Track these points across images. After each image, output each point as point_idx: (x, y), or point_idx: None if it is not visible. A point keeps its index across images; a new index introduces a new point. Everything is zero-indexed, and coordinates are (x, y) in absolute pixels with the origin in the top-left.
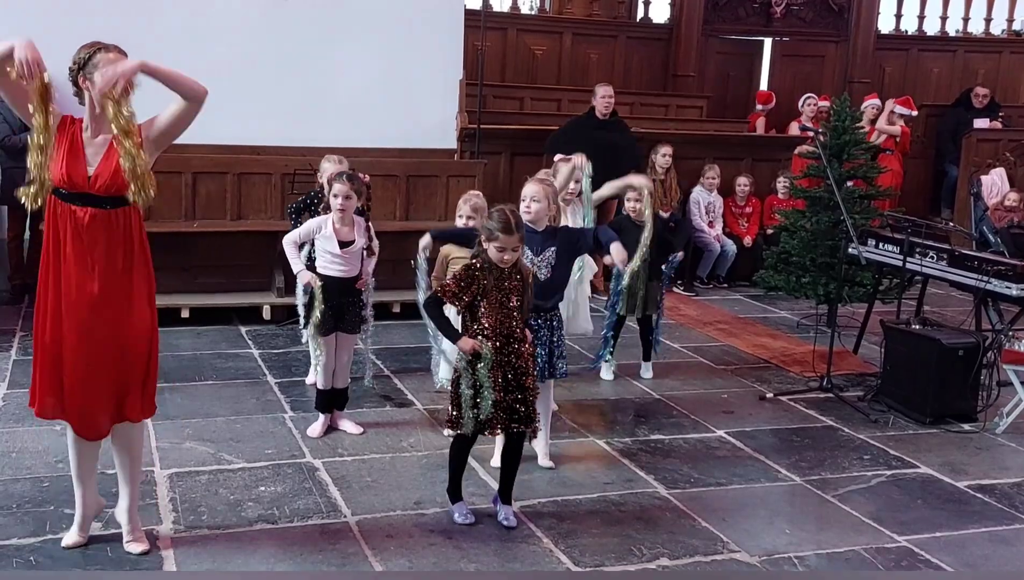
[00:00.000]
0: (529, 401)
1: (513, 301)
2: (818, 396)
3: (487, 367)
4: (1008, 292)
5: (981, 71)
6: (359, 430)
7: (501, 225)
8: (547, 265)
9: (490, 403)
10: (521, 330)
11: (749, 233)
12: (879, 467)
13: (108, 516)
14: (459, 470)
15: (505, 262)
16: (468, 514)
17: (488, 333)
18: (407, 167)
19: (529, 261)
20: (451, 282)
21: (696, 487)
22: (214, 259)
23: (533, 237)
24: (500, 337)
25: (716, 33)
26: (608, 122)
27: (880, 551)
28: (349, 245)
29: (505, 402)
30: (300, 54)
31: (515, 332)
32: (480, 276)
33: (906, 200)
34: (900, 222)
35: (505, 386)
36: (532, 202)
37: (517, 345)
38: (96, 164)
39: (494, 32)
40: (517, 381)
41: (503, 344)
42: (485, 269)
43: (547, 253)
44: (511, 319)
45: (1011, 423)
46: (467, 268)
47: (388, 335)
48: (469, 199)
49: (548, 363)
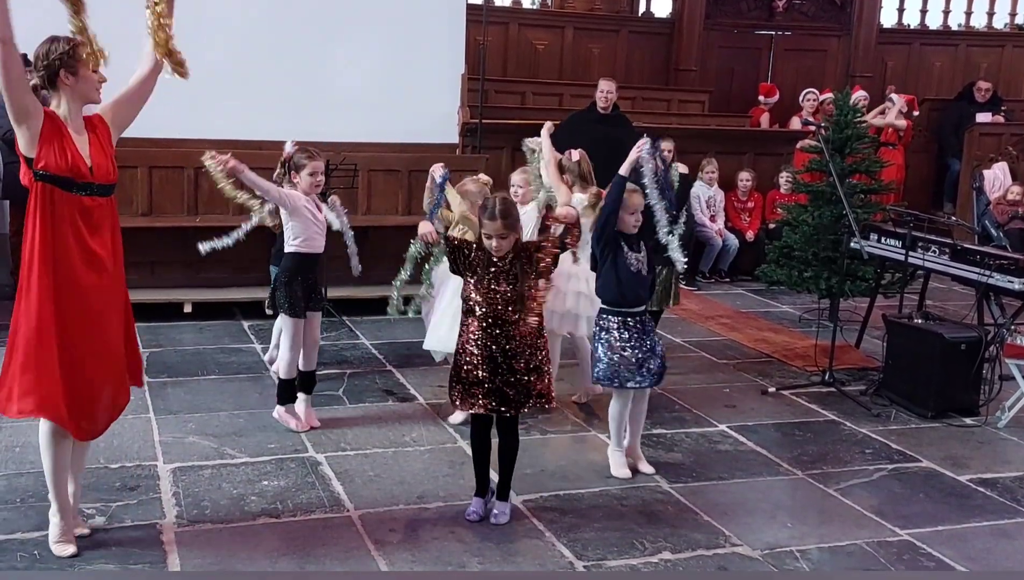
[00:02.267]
0: (520, 386)
1: (502, 285)
2: (820, 390)
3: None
4: (1010, 286)
5: (983, 65)
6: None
7: (487, 209)
8: (644, 263)
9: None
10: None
11: (751, 227)
12: (881, 461)
13: (111, 510)
14: (480, 456)
15: (495, 249)
16: (474, 513)
17: (476, 310)
18: (409, 161)
19: (635, 259)
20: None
21: (698, 481)
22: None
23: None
24: (489, 317)
25: (718, 27)
26: (608, 116)
27: (882, 545)
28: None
29: (494, 384)
30: (302, 48)
31: (506, 316)
32: (471, 250)
33: (908, 194)
34: (902, 216)
35: (493, 368)
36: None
37: (509, 328)
38: (88, 155)
39: (496, 26)
40: (508, 364)
41: (490, 325)
42: (478, 247)
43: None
44: (500, 302)
45: (1013, 417)
46: (465, 241)
47: (390, 330)
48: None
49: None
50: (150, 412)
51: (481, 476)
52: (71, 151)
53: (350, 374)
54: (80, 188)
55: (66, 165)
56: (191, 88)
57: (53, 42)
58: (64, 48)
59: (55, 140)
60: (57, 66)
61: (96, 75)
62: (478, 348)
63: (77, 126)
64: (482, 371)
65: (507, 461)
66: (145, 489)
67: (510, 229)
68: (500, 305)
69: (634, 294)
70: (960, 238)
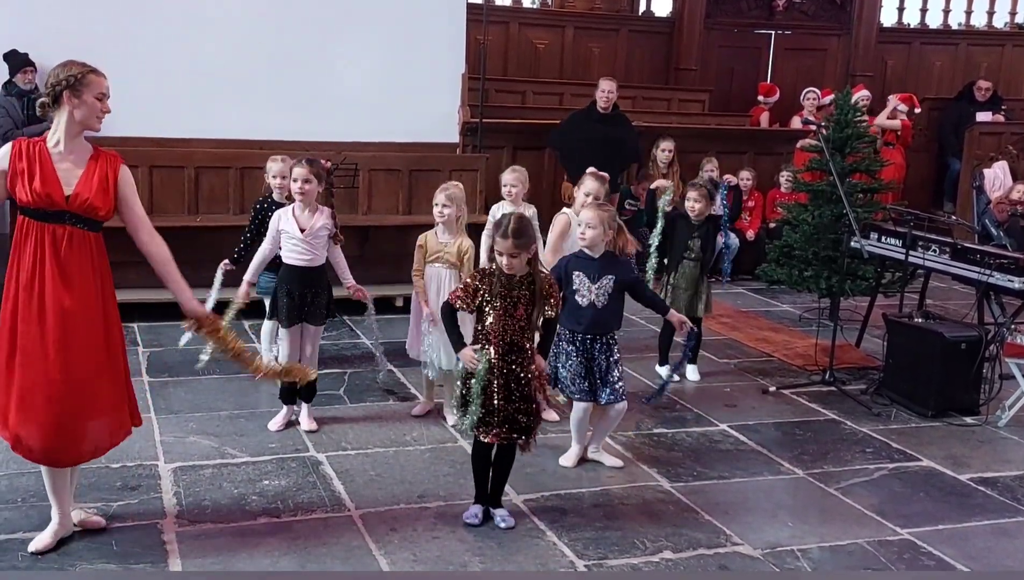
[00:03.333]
0: (532, 413)
1: (520, 311)
2: (821, 390)
3: (480, 383)
4: (1010, 285)
5: (984, 64)
6: (314, 426)
7: (500, 228)
8: (605, 294)
9: (476, 416)
10: (530, 341)
11: (752, 227)
12: (881, 460)
13: (112, 510)
14: (479, 474)
15: (506, 266)
16: (475, 516)
17: (492, 338)
18: (409, 161)
19: (587, 289)
20: (462, 287)
21: (699, 480)
22: (217, 253)
23: (590, 263)
24: (504, 344)
25: (718, 27)
26: (609, 116)
27: (882, 544)
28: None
29: (507, 411)
30: (302, 48)
31: (521, 342)
32: (489, 279)
33: (908, 194)
34: (902, 216)
35: (508, 395)
36: (587, 229)
37: (523, 356)
38: (73, 184)
39: (496, 26)
40: (520, 391)
41: (506, 351)
42: (496, 274)
43: (604, 281)
44: (517, 328)
45: (1013, 416)
46: (480, 271)
47: (391, 330)
48: (446, 188)
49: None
50: (151, 412)
51: (482, 487)
52: (40, 178)
53: (351, 373)
54: (46, 217)
55: (30, 194)
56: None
57: (67, 66)
58: (75, 72)
59: (25, 169)
60: (64, 86)
61: (100, 104)
62: (494, 375)
63: (71, 150)
64: (498, 399)
65: (504, 472)
66: (146, 489)
67: (522, 249)
68: (519, 330)
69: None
70: (960, 237)
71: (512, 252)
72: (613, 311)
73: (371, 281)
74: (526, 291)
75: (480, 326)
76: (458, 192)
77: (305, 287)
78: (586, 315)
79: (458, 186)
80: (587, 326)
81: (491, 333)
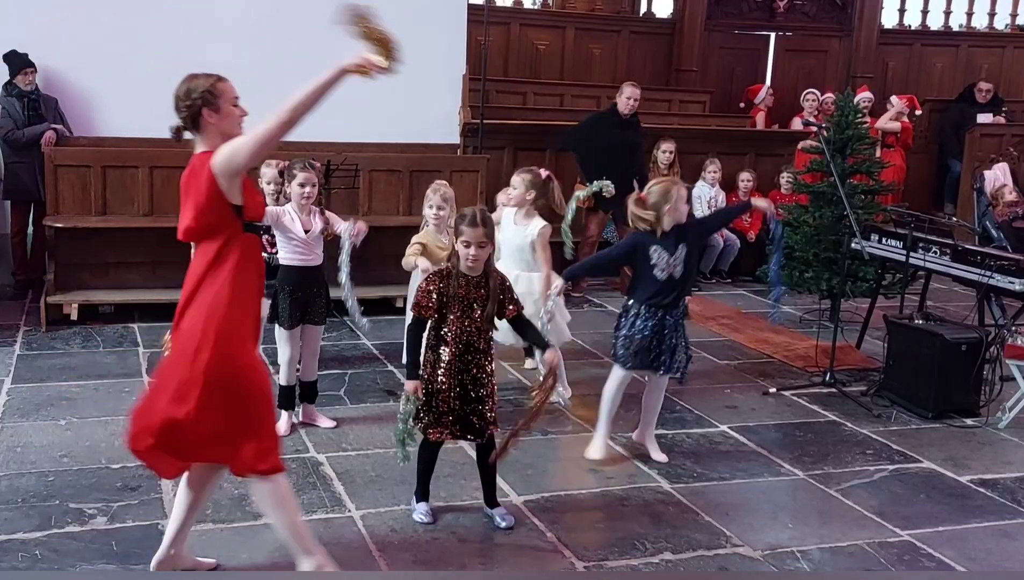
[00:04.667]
0: (486, 414)
1: (478, 312)
2: (821, 391)
3: (404, 419)
4: (1011, 287)
5: (985, 66)
6: (332, 423)
7: (466, 218)
8: (681, 262)
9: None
10: (486, 342)
11: (752, 228)
12: (882, 462)
13: (112, 510)
14: (424, 472)
15: (472, 258)
16: (427, 513)
17: (449, 338)
18: (410, 162)
19: (665, 262)
20: (421, 295)
21: (699, 482)
22: None
23: (666, 237)
24: (460, 344)
25: (719, 28)
26: (628, 121)
27: (883, 545)
28: (308, 232)
29: (462, 412)
30: (303, 48)
31: (478, 343)
32: (447, 281)
33: (909, 195)
34: (903, 217)
35: (463, 395)
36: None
37: (480, 356)
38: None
39: (497, 27)
40: (475, 392)
41: (462, 351)
42: (453, 275)
43: (679, 251)
44: (474, 330)
45: (1014, 418)
46: (434, 273)
47: (391, 330)
48: (439, 189)
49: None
50: None
51: (426, 484)
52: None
53: (351, 374)
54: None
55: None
56: None
57: (192, 79)
58: (205, 85)
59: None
60: (199, 105)
61: (238, 109)
62: (450, 377)
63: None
64: (453, 401)
65: (491, 475)
66: (146, 489)
67: (490, 238)
68: (474, 334)
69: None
70: (961, 239)
71: (482, 241)
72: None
73: (371, 282)
74: (483, 291)
75: (439, 330)
76: (451, 192)
77: (306, 287)
78: (668, 286)
79: (448, 186)
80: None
81: (449, 334)
